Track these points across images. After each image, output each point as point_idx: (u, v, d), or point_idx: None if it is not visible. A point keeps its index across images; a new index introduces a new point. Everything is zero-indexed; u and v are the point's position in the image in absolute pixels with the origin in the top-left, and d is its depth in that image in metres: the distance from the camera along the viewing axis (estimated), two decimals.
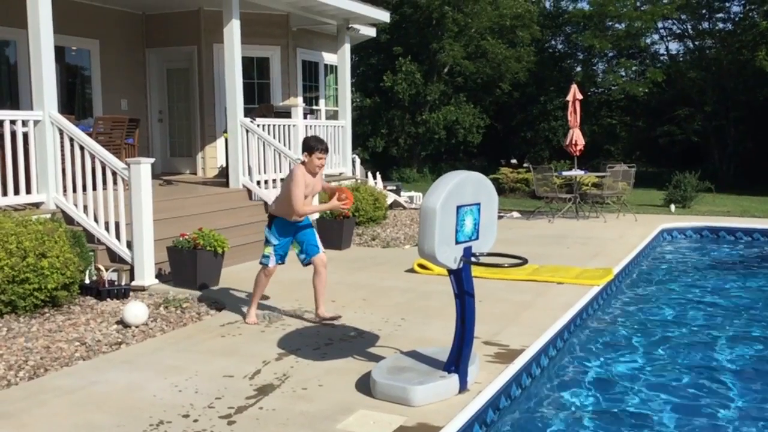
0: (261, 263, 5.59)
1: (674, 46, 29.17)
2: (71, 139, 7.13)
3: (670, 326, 6.28)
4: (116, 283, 6.55)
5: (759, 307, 7.00)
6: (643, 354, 5.47)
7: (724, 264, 9.29)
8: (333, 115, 13.68)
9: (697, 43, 26.61)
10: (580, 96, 13.47)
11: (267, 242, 5.56)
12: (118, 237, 6.99)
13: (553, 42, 30.96)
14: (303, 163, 5.44)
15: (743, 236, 11.08)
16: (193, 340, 5.19)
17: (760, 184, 19.89)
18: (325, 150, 5.47)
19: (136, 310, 5.49)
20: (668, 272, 8.72)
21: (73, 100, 11.35)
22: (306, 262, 5.62)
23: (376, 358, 4.55)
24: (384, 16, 12.77)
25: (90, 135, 7.81)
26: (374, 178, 14.73)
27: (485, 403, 3.95)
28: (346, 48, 12.57)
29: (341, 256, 8.69)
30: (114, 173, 7.02)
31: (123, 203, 6.92)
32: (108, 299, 6.33)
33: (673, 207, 14.44)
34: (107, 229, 7.01)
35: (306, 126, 11.23)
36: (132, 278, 6.83)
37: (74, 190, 7.15)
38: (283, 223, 5.50)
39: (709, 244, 10.89)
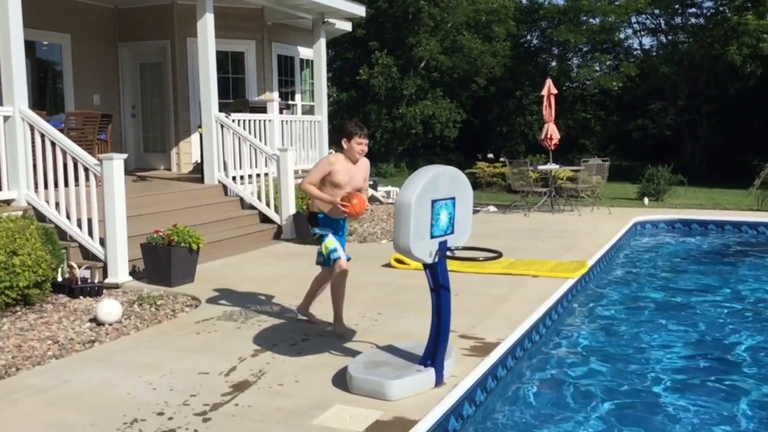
0: (332, 258, 5.00)
1: (647, 41, 29.47)
2: (42, 135, 7.03)
3: (641, 316, 6.36)
4: (89, 280, 6.47)
5: (728, 295, 7.11)
6: (614, 344, 5.53)
7: (695, 256, 9.42)
8: (309, 110, 13.63)
9: (670, 37, 26.90)
10: (554, 90, 13.56)
11: (323, 238, 5.05)
12: (90, 234, 6.91)
13: (528, 37, 31.13)
14: (340, 150, 5.02)
15: (715, 228, 11.25)
16: (167, 337, 5.15)
17: (731, 178, 20.18)
18: (366, 135, 5.03)
19: (109, 308, 5.44)
20: (641, 264, 8.82)
21: (45, 96, 11.18)
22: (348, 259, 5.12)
23: (353, 353, 4.55)
24: (359, 10, 12.74)
25: (62, 131, 7.70)
26: None
27: (461, 396, 3.97)
28: (322, 42, 12.52)
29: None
30: (86, 169, 6.93)
31: (95, 200, 6.84)
32: (81, 297, 6.26)
33: (646, 200, 14.61)
34: (80, 226, 6.93)
35: (282, 121, 11.18)
36: (105, 276, 6.76)
37: (46, 187, 7.05)
38: (326, 220, 5.06)
39: (681, 236, 11.04)
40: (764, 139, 22.21)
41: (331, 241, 5.01)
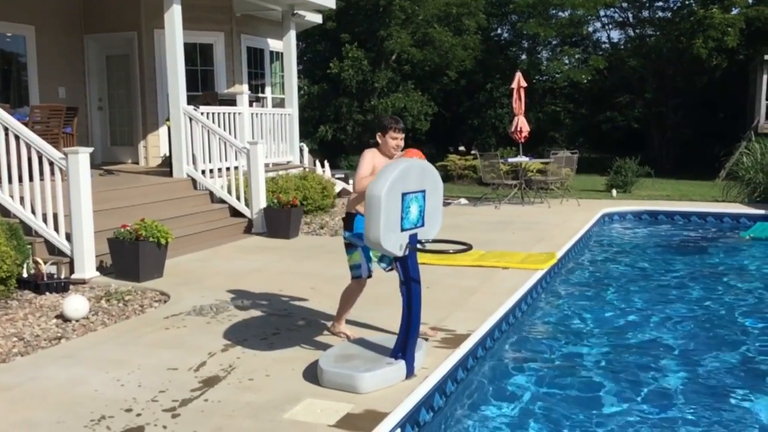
0: (353, 276, 4.85)
1: (615, 34, 29.75)
2: (6, 129, 6.89)
3: (609, 305, 6.45)
4: (55, 276, 6.37)
5: (691, 284, 7.24)
6: (584, 332, 5.60)
7: (661, 246, 9.58)
8: (279, 103, 13.53)
9: (637, 31, 27.21)
10: (524, 83, 13.65)
11: (351, 248, 4.77)
12: (56, 229, 6.79)
13: (498, 30, 31.27)
14: (376, 145, 4.74)
15: (680, 219, 11.43)
16: (135, 333, 5.09)
17: (697, 169, 20.52)
18: (402, 129, 4.75)
19: (76, 304, 5.36)
20: (609, 255, 8.94)
21: (8, 88, 10.95)
22: (389, 269, 4.70)
23: (324, 347, 4.54)
24: (330, 2, 12.68)
25: (26, 124, 7.56)
26: (322, 166, 14.66)
27: (432, 387, 3.99)
28: (292, 35, 12.43)
29: (289, 245, 8.63)
30: (51, 163, 6.82)
31: (61, 194, 6.73)
32: (47, 293, 6.16)
33: (614, 192, 14.79)
34: (45, 221, 6.81)
35: (252, 114, 11.08)
36: (72, 271, 6.65)
37: (10, 181, 6.92)
38: (363, 223, 4.49)
39: (648, 226, 11.21)
40: (729, 132, 22.61)
41: (357, 256, 4.74)
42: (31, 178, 6.86)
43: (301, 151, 13.46)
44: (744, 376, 4.76)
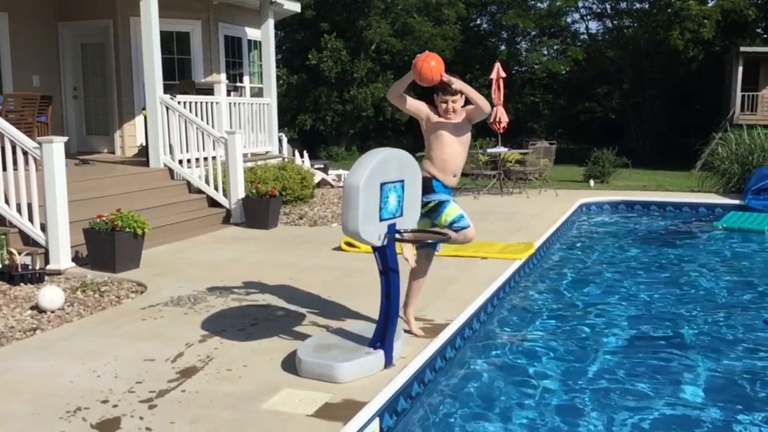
0: (459, 227, 4.48)
1: (594, 25, 30.02)
2: None
3: (586, 293, 6.51)
4: (30, 267, 6.29)
5: (669, 272, 7.33)
6: (560, 319, 5.66)
7: (637, 235, 9.68)
8: (258, 93, 13.44)
9: (615, 22, 27.38)
10: (503, 74, 13.67)
11: (442, 206, 4.51)
12: (31, 219, 6.70)
13: (478, 21, 31.30)
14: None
15: (657, 209, 11.56)
16: (112, 324, 5.05)
17: (673, 160, 20.76)
18: (451, 92, 4.44)
19: (51, 295, 5.29)
20: (586, 244, 9.02)
21: None
22: (436, 250, 4.71)
23: (303, 337, 4.53)
24: None
25: None
26: (301, 156, 14.60)
27: (410, 377, 4.00)
28: (270, 23, 12.34)
29: (268, 235, 8.60)
30: (25, 153, 6.72)
31: (35, 184, 6.64)
32: (21, 284, 6.08)
33: (592, 182, 14.92)
34: (19, 211, 6.72)
35: (230, 103, 11.00)
36: (47, 262, 6.57)
37: None
38: (441, 187, 4.56)
39: (624, 216, 11.32)
40: (705, 123, 22.86)
41: (454, 208, 4.50)
42: (4, 168, 6.75)
43: (280, 141, 13.40)
44: (679, 349, 4.89)
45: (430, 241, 4.17)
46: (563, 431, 3.83)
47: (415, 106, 4.60)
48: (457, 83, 4.41)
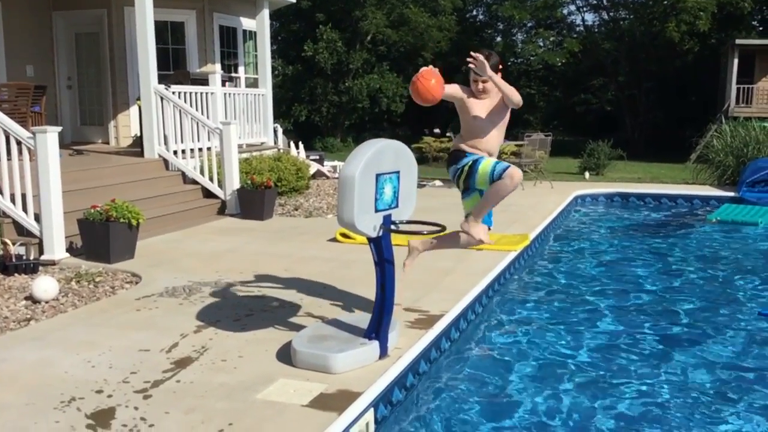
0: (500, 170, 4.35)
1: (590, 17, 29.98)
2: None
3: (581, 285, 6.52)
4: (24, 257, 6.26)
5: (659, 265, 7.35)
6: (555, 309, 5.67)
7: (632, 226, 9.70)
8: (253, 83, 13.39)
9: (611, 14, 27.34)
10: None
11: (476, 164, 4.47)
12: (25, 210, 6.68)
13: (474, 12, 31.23)
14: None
15: (651, 201, 11.58)
16: (106, 314, 5.04)
17: (669, 152, 20.78)
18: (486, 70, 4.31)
19: (45, 285, 5.28)
20: (581, 236, 9.04)
21: None
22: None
23: (298, 328, 4.53)
24: None
25: None
26: (297, 147, 14.57)
27: (405, 367, 4.01)
28: (265, 13, 12.28)
29: (263, 226, 8.58)
30: (19, 143, 6.68)
31: (29, 174, 6.61)
32: (15, 274, 6.06)
33: (587, 174, 14.93)
34: (13, 201, 6.69)
35: (225, 94, 10.95)
36: (41, 252, 6.55)
37: None
38: (471, 153, 4.56)
39: (619, 208, 11.34)
40: (701, 115, 22.89)
41: (488, 161, 4.41)
42: None
43: (276, 132, 13.36)
44: (672, 340, 4.92)
45: (427, 231, 4.15)
46: (557, 421, 3.84)
47: (449, 93, 4.45)
48: (488, 71, 4.31)
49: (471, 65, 4.38)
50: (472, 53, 4.34)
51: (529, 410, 3.97)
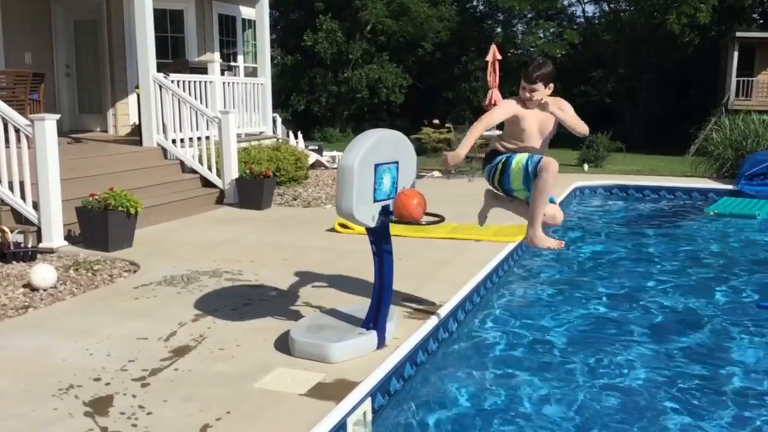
0: (533, 162, 4.23)
1: (590, 9, 29.89)
2: None
3: (578, 277, 6.54)
4: (22, 245, 6.26)
5: (661, 255, 7.37)
6: (552, 301, 5.68)
7: (631, 218, 9.72)
8: (252, 72, 13.35)
9: (612, 5, 27.26)
10: (499, 56, 13.62)
11: (510, 160, 4.34)
12: (23, 197, 6.67)
13: (474, 2, 31.10)
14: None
15: (650, 193, 11.58)
16: (105, 302, 5.04)
17: (668, 145, 20.78)
18: (532, 79, 4.20)
19: (43, 273, 5.28)
20: (580, 227, 9.04)
21: None
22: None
23: (296, 317, 4.54)
24: None
25: None
26: (296, 137, 14.55)
27: (402, 357, 4.02)
28: (265, 2, 12.21)
29: (262, 216, 8.58)
30: (17, 130, 6.66)
31: (27, 162, 6.60)
32: (14, 262, 6.06)
33: (586, 166, 14.92)
34: (11, 188, 6.68)
35: (224, 83, 10.92)
36: (39, 240, 6.55)
37: None
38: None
39: (618, 200, 11.34)
40: (700, 108, 22.85)
41: (521, 156, 4.30)
42: None
43: (275, 121, 13.33)
44: (669, 332, 5.01)
45: (426, 222, 4.14)
46: (556, 408, 3.85)
47: (501, 116, 4.34)
48: (552, 108, 4.24)
49: (528, 93, 4.27)
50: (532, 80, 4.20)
51: (526, 400, 3.98)
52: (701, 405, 3.95)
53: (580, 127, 4.40)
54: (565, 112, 4.38)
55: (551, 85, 4.32)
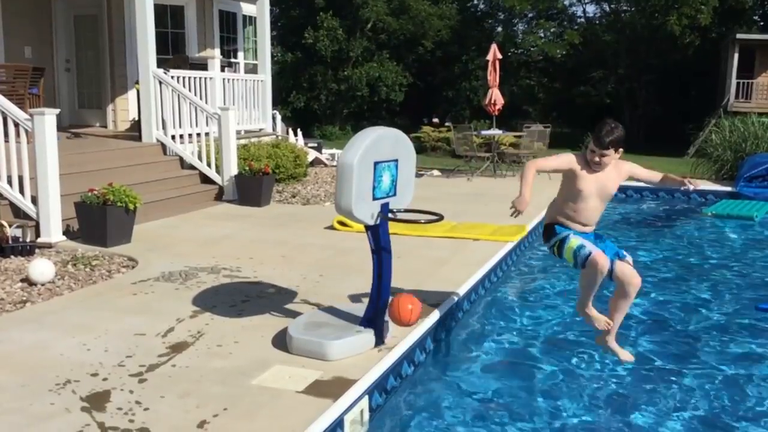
0: (582, 256, 4.01)
1: (591, 9, 29.89)
2: None
3: (577, 277, 6.53)
4: (21, 239, 6.25)
5: (655, 257, 7.37)
6: (550, 301, 5.68)
7: (629, 219, 9.72)
8: (252, 69, 13.33)
9: (612, 6, 27.25)
10: (499, 56, 13.62)
11: (564, 241, 4.14)
12: (22, 192, 6.66)
13: (475, 1, 31.08)
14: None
15: (649, 194, 11.58)
16: (103, 298, 5.04)
17: (667, 146, 20.79)
18: (604, 144, 3.98)
19: (41, 267, 5.27)
20: None
21: None
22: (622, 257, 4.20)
23: (294, 315, 4.54)
24: None
25: None
26: (295, 134, 14.54)
27: (400, 356, 4.02)
28: None
29: (260, 213, 8.58)
30: (16, 124, 6.65)
31: (26, 156, 6.59)
32: (12, 256, 6.05)
33: None
34: (10, 183, 6.67)
35: (224, 79, 10.91)
36: (38, 235, 6.54)
37: None
38: (562, 228, 4.24)
39: (616, 201, 11.33)
40: (699, 109, 22.84)
41: (575, 240, 4.08)
42: None
43: (274, 118, 13.32)
44: (670, 334, 4.99)
45: (425, 220, 4.14)
46: (551, 412, 3.86)
47: (556, 166, 4.24)
48: (635, 171, 4.18)
49: (598, 158, 4.05)
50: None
51: (526, 398, 3.99)
52: (698, 404, 3.96)
53: (655, 177, 4.30)
54: (638, 171, 4.26)
55: (621, 149, 4.10)
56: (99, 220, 6.45)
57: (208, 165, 9.29)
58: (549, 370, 4.41)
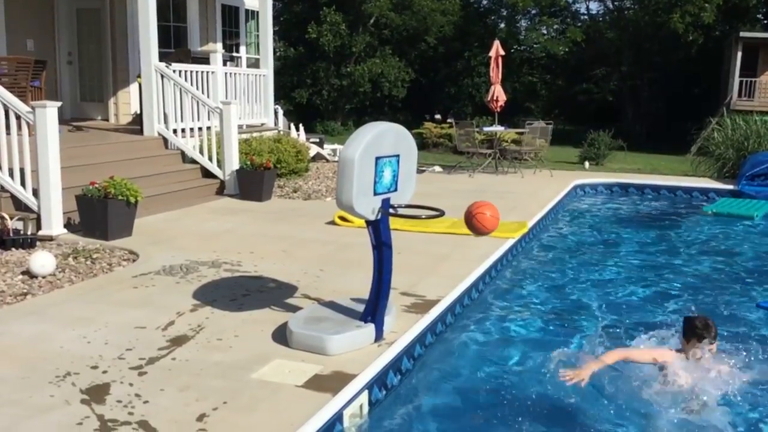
0: None
1: (594, 6, 29.85)
2: None
3: (575, 273, 6.54)
4: (22, 232, 6.27)
5: (657, 254, 7.37)
6: (550, 297, 5.68)
7: (630, 217, 9.70)
8: (254, 63, 13.31)
9: (616, 3, 27.18)
10: (502, 52, 13.59)
11: None
12: (23, 184, 6.66)
13: None
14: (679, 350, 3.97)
15: (650, 192, 11.57)
16: (103, 291, 5.04)
17: (669, 144, 20.75)
18: (716, 335, 3.92)
19: (42, 260, 5.28)
20: (579, 225, 9.04)
21: None
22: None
23: (294, 309, 4.54)
24: None
25: None
26: (297, 129, 14.53)
27: (400, 351, 4.02)
28: None
29: (261, 207, 8.57)
30: (18, 117, 6.65)
31: (28, 149, 6.59)
32: (13, 249, 6.06)
33: (587, 164, 14.91)
34: (11, 175, 6.67)
35: (226, 73, 10.90)
36: (39, 227, 6.54)
37: None
38: None
39: (618, 199, 11.33)
40: (702, 108, 22.80)
41: None
42: None
43: (276, 113, 13.31)
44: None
45: (425, 216, 4.14)
46: (552, 405, 3.86)
47: (650, 358, 4.02)
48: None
49: (709, 353, 3.91)
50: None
51: (525, 395, 3.99)
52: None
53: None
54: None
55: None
56: (100, 214, 6.45)
57: (210, 159, 9.28)
58: (553, 366, 4.39)
